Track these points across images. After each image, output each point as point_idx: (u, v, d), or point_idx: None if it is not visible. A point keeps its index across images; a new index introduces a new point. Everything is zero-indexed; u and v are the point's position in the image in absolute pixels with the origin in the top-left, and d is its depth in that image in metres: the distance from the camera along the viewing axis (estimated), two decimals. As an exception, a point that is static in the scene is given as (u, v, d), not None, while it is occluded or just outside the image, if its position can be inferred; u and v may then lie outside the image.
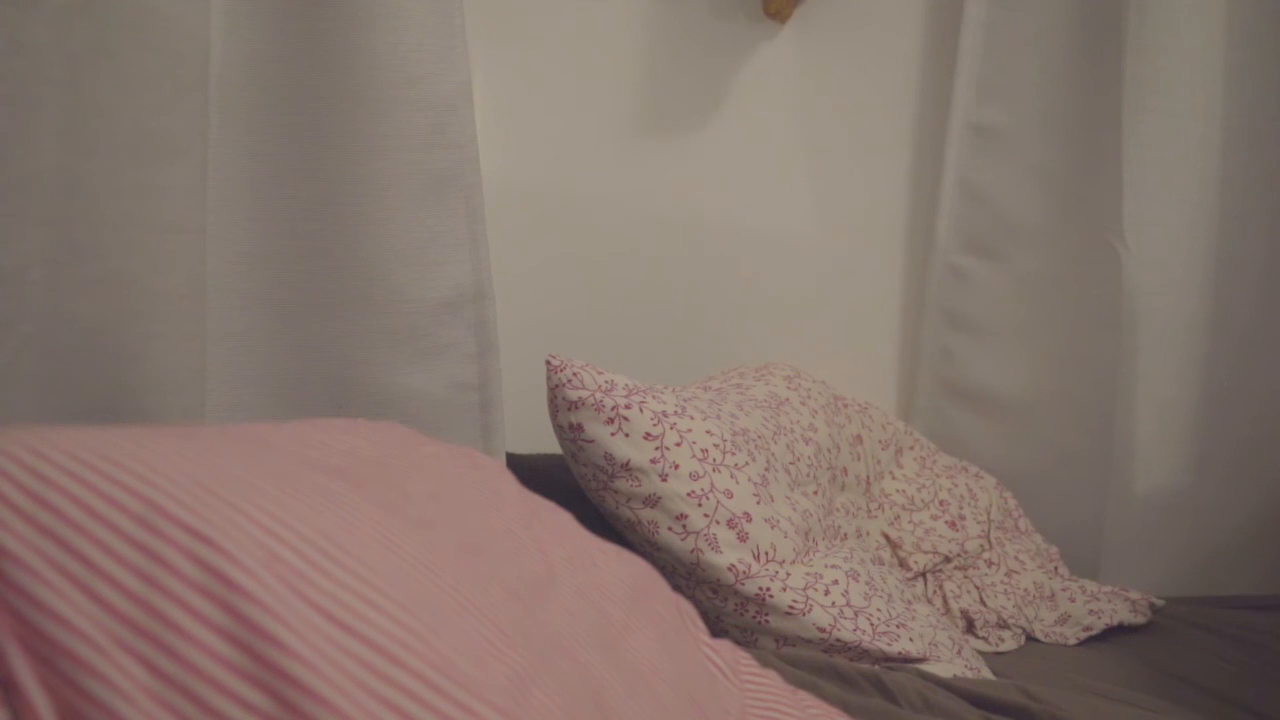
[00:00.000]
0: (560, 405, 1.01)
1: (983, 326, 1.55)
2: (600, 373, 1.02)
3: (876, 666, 0.97)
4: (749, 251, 1.52)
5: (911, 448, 1.44)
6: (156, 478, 0.42)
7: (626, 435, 0.99)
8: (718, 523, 0.99)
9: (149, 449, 0.44)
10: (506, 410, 1.09)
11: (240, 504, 0.43)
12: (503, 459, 1.09)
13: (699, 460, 1.01)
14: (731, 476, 1.02)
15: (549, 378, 1.02)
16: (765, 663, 0.86)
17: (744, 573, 0.99)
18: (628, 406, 1.00)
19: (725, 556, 0.99)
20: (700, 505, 0.99)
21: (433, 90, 1.00)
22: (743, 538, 1.00)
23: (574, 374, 1.01)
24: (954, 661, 1.04)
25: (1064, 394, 1.49)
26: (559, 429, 1.02)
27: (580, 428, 1.00)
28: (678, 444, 1.01)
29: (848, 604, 1.02)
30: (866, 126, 1.56)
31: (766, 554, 1.01)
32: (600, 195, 1.43)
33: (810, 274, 1.56)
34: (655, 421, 1.01)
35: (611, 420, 0.99)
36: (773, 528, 1.02)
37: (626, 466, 0.99)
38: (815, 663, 0.92)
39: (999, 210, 1.51)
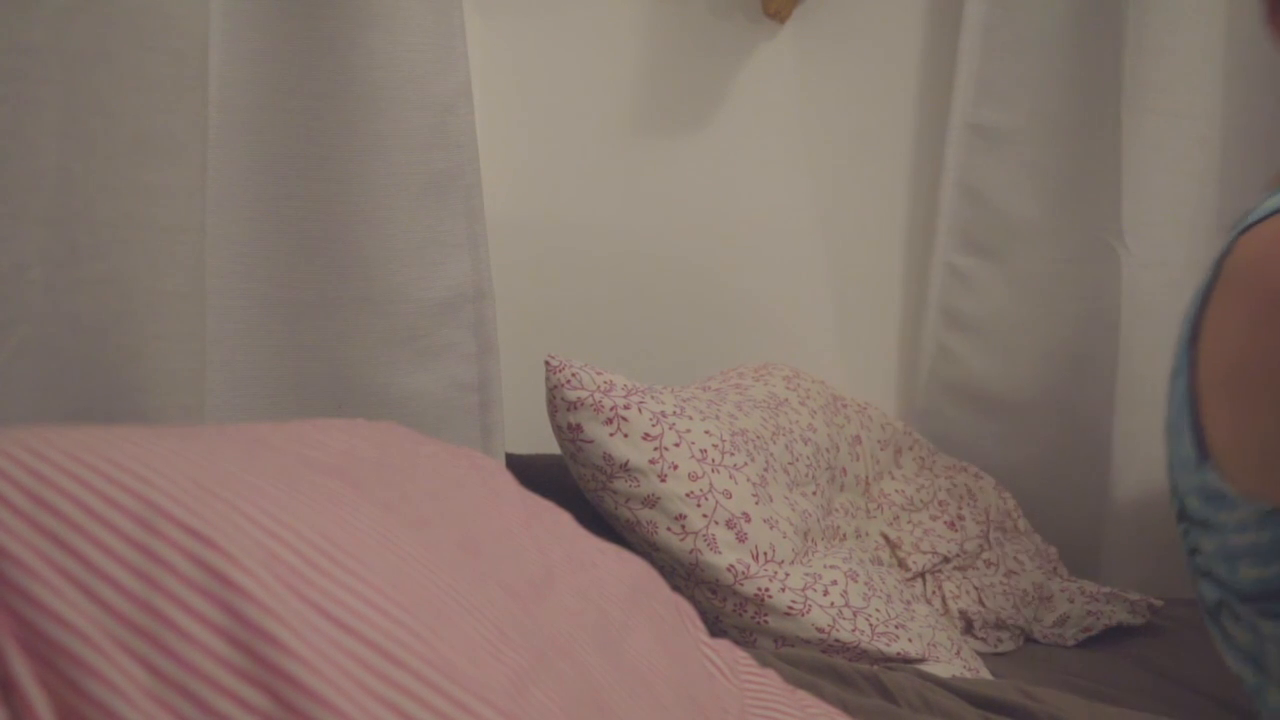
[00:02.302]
0: (559, 405, 1.01)
1: (982, 326, 1.55)
2: (599, 373, 1.02)
3: (875, 666, 0.97)
4: (748, 251, 1.52)
5: (911, 448, 1.44)
6: (156, 478, 0.42)
7: (625, 436, 0.99)
8: (716, 523, 0.99)
9: (148, 449, 0.44)
10: (506, 411, 1.09)
11: (240, 504, 0.43)
12: (502, 459, 1.09)
13: (698, 461, 1.01)
14: (730, 477, 1.02)
15: (548, 378, 1.02)
16: (764, 662, 0.86)
17: (743, 573, 0.99)
18: (626, 407, 1.00)
19: (724, 557, 0.99)
20: (699, 506, 0.99)
21: (432, 90, 1.00)
22: (741, 538, 1.00)
23: (573, 374, 1.01)
24: (952, 662, 1.04)
25: (1063, 394, 1.49)
26: (558, 429, 1.02)
27: (579, 428, 1.00)
28: (676, 444, 1.01)
29: (846, 604, 1.02)
30: (866, 126, 1.56)
31: (765, 554, 1.01)
32: (599, 194, 1.43)
33: (809, 273, 1.56)
34: (654, 422, 1.01)
35: (610, 420, 0.99)
36: (771, 528, 1.02)
37: (625, 467, 0.99)
38: (814, 662, 0.92)
39: (998, 210, 1.51)
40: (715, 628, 1.02)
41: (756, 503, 1.03)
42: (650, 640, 0.61)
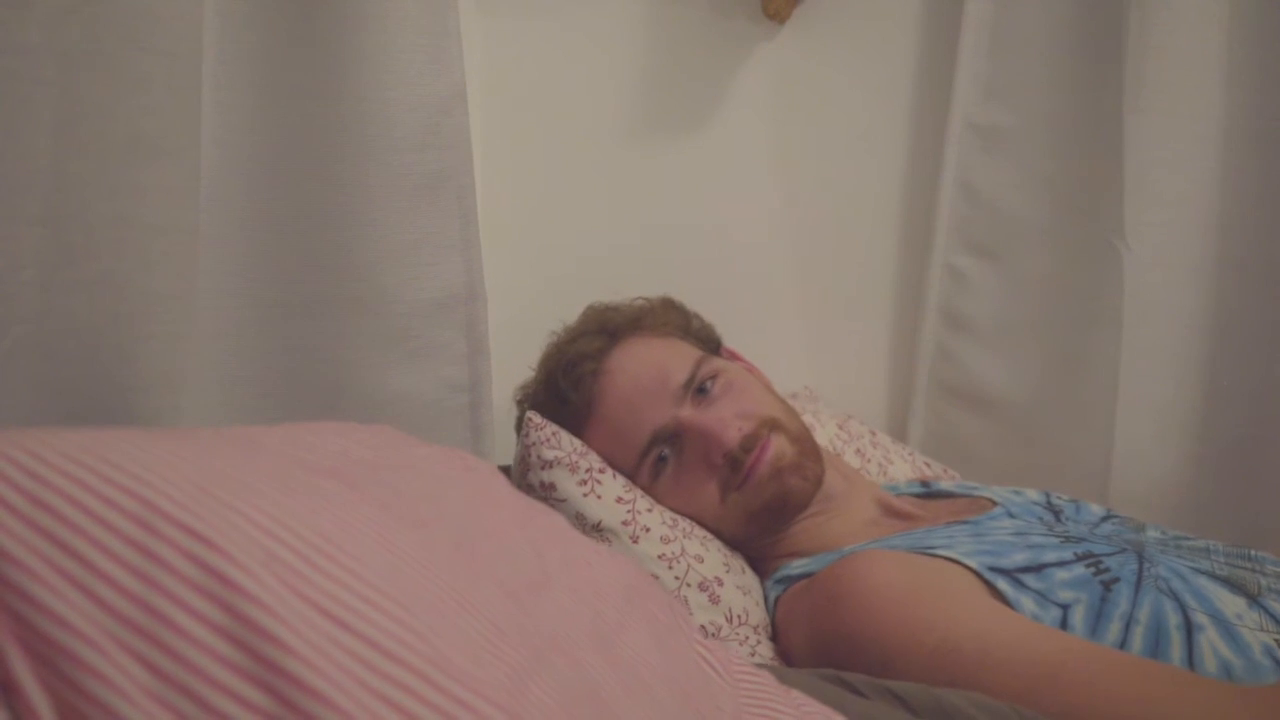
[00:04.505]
0: (533, 463, 1.02)
1: (982, 327, 1.54)
2: (576, 438, 1.05)
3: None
4: (744, 251, 1.52)
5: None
6: (154, 479, 0.42)
7: (599, 498, 1.01)
8: (689, 585, 1.00)
9: (145, 450, 0.44)
10: (496, 412, 1.10)
11: (237, 504, 0.43)
12: (493, 459, 1.09)
13: (669, 527, 1.03)
14: (702, 544, 1.04)
15: (527, 434, 1.04)
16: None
17: (714, 634, 0.99)
18: (602, 470, 1.03)
19: (696, 618, 0.99)
20: (671, 568, 1.00)
21: (426, 91, 0.99)
22: (714, 600, 1.00)
23: (553, 433, 1.03)
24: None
25: (1064, 394, 1.49)
26: (529, 488, 1.03)
27: (553, 485, 1.01)
28: (649, 510, 1.03)
29: None
30: (866, 126, 1.55)
31: (739, 618, 1.01)
32: (596, 193, 1.43)
33: (807, 274, 1.56)
34: (628, 487, 1.04)
35: (585, 482, 1.02)
36: (745, 594, 1.03)
37: (598, 527, 1.00)
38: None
39: (999, 210, 1.51)
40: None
41: (727, 571, 1.04)
42: (645, 638, 0.61)
